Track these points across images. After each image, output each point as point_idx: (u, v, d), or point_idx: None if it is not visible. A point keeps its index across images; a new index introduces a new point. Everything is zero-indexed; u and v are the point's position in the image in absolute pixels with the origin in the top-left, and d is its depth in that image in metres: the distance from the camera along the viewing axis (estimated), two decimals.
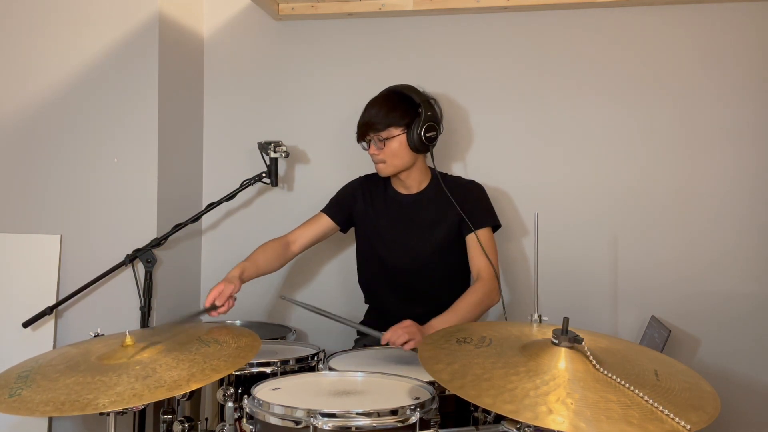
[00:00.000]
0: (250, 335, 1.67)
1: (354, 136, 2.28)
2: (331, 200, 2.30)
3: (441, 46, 2.55)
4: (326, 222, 2.26)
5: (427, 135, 2.10)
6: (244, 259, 2.08)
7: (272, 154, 2.40)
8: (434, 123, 2.12)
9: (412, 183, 2.20)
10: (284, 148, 2.40)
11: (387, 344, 1.85)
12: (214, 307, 1.88)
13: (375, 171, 2.31)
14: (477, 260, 2.11)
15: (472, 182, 2.24)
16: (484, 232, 2.13)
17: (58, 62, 2.41)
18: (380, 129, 2.09)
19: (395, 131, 2.09)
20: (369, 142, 2.14)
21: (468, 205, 2.14)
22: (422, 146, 2.11)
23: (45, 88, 2.42)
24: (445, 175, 2.23)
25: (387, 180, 2.26)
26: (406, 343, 1.81)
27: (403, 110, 2.11)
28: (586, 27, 2.45)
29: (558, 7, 2.43)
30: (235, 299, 1.94)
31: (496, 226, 2.20)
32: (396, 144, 2.10)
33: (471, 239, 2.13)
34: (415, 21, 2.56)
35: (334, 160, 2.61)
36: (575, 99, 2.46)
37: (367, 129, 2.12)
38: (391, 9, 2.51)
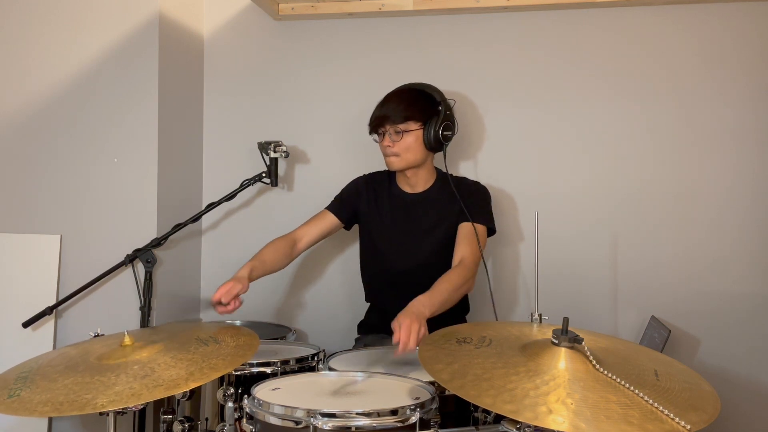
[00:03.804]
0: (248, 334, 1.67)
1: (355, 135, 2.29)
2: (336, 197, 2.29)
3: (441, 46, 2.55)
4: (331, 219, 2.25)
5: (444, 134, 2.11)
6: (252, 257, 2.06)
7: (272, 154, 2.40)
8: (451, 123, 2.13)
9: (418, 181, 2.20)
10: (284, 148, 2.40)
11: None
12: (220, 304, 1.87)
13: (378, 170, 2.32)
14: (463, 247, 2.07)
15: (477, 183, 2.24)
16: (477, 227, 2.11)
17: (58, 62, 2.41)
18: (398, 121, 2.08)
19: (413, 125, 2.09)
20: (383, 135, 2.12)
21: (469, 203, 2.14)
22: (437, 144, 2.12)
23: (45, 88, 2.42)
24: (450, 176, 2.23)
25: (392, 178, 2.25)
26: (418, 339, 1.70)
27: (423, 106, 2.11)
28: (587, 27, 2.45)
29: (558, 7, 2.43)
30: (242, 300, 1.93)
31: (491, 229, 2.18)
32: (412, 138, 2.10)
33: (463, 228, 2.11)
34: (415, 21, 2.56)
35: (335, 160, 2.61)
36: (575, 99, 2.46)
37: (383, 121, 2.10)
38: (391, 9, 2.51)
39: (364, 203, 2.25)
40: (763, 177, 2.35)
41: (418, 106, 2.11)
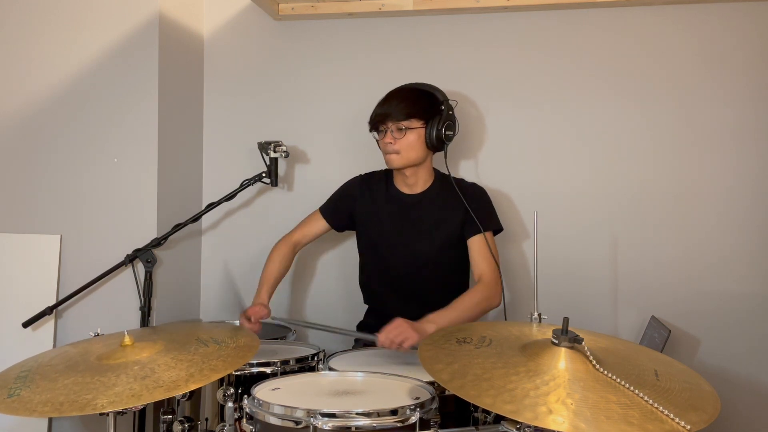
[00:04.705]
0: (248, 335, 1.67)
1: (355, 135, 2.29)
2: (329, 200, 2.29)
3: (441, 46, 2.55)
4: (322, 223, 2.27)
5: (447, 133, 2.12)
6: (263, 276, 2.18)
7: (272, 154, 2.40)
8: (453, 123, 2.14)
9: (417, 182, 2.19)
10: (284, 148, 2.40)
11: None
12: (247, 317, 2.02)
13: (374, 171, 2.32)
14: (480, 263, 2.10)
15: (475, 185, 2.24)
16: (488, 236, 2.13)
17: (58, 62, 2.41)
18: (401, 118, 2.08)
19: (416, 123, 2.09)
20: (384, 132, 2.12)
21: (473, 208, 2.14)
22: (438, 144, 2.12)
23: (45, 88, 2.42)
24: (453, 178, 2.22)
25: (389, 179, 2.25)
26: (402, 343, 1.79)
27: (426, 104, 2.12)
28: (587, 27, 2.45)
29: (558, 7, 2.43)
30: (260, 324, 2.03)
31: (498, 229, 2.20)
32: (414, 136, 2.10)
33: (474, 241, 2.12)
34: (415, 21, 2.56)
35: (334, 160, 2.61)
36: (575, 99, 2.46)
37: (385, 118, 2.10)
38: (391, 9, 2.51)
39: (360, 205, 2.24)
40: (764, 177, 2.35)
41: (420, 105, 2.11)
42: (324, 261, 2.65)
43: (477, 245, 2.12)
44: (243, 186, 2.40)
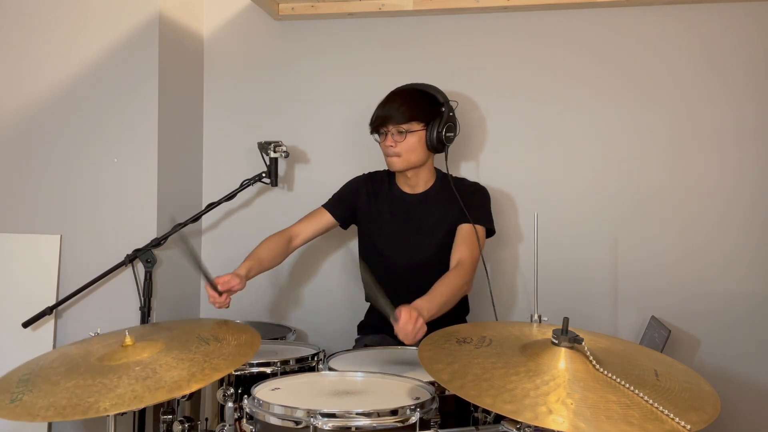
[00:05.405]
0: (249, 332, 1.67)
1: (355, 135, 2.28)
2: (334, 195, 2.28)
3: (441, 46, 2.55)
4: (327, 218, 2.24)
5: (447, 135, 2.11)
6: (248, 256, 2.07)
7: (272, 154, 2.40)
8: (454, 124, 2.14)
9: (419, 182, 2.20)
10: (284, 148, 2.40)
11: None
12: (214, 287, 1.85)
13: (377, 170, 2.32)
14: (462, 248, 2.06)
15: (476, 184, 2.24)
16: (478, 227, 2.12)
17: (58, 62, 2.41)
18: (401, 121, 2.07)
19: (416, 126, 2.09)
20: (385, 135, 2.11)
21: (468, 204, 2.13)
22: (440, 145, 2.12)
23: (45, 88, 2.42)
24: (450, 177, 2.23)
25: (392, 179, 2.25)
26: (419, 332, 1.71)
27: (426, 106, 2.11)
28: (587, 27, 2.45)
29: (558, 7, 2.43)
30: (230, 301, 1.92)
31: (490, 230, 2.19)
32: (415, 139, 2.09)
33: (462, 229, 2.10)
34: (415, 21, 2.56)
35: (334, 160, 2.61)
36: (575, 99, 2.46)
37: (386, 120, 2.09)
38: (391, 9, 2.51)
39: (363, 203, 2.24)
40: (764, 177, 2.35)
41: (421, 107, 2.10)
42: (325, 260, 2.65)
43: (463, 231, 2.10)
44: (243, 186, 2.40)
